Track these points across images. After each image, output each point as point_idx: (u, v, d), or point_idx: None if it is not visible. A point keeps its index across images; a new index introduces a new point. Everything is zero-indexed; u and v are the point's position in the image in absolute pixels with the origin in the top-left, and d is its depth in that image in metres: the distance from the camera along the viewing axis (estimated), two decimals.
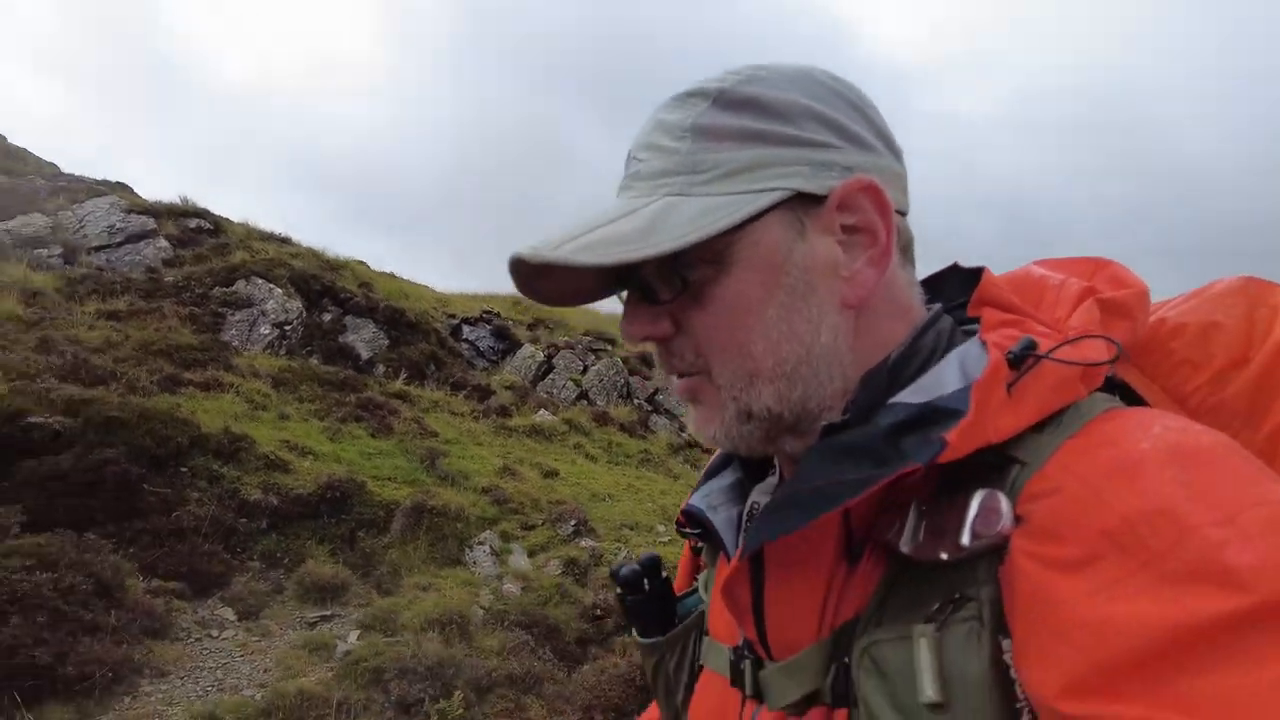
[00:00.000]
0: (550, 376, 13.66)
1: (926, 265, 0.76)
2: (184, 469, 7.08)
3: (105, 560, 5.73)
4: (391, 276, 14.83)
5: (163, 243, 12.39)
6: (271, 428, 8.30)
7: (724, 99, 0.66)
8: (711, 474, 0.83)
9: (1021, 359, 0.61)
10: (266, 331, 10.70)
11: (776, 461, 0.77)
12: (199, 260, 12.09)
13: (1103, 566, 0.50)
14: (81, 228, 12.25)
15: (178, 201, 13.95)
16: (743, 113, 0.66)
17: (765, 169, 0.65)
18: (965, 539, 0.56)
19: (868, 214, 0.66)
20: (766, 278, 0.65)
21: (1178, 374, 0.70)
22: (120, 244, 12.16)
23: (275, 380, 9.44)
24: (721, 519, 0.77)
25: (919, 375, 0.65)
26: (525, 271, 0.67)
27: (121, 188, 16.06)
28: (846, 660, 0.62)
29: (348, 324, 11.84)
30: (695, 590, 0.92)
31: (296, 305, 11.24)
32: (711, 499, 0.79)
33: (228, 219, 14.03)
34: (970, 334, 0.69)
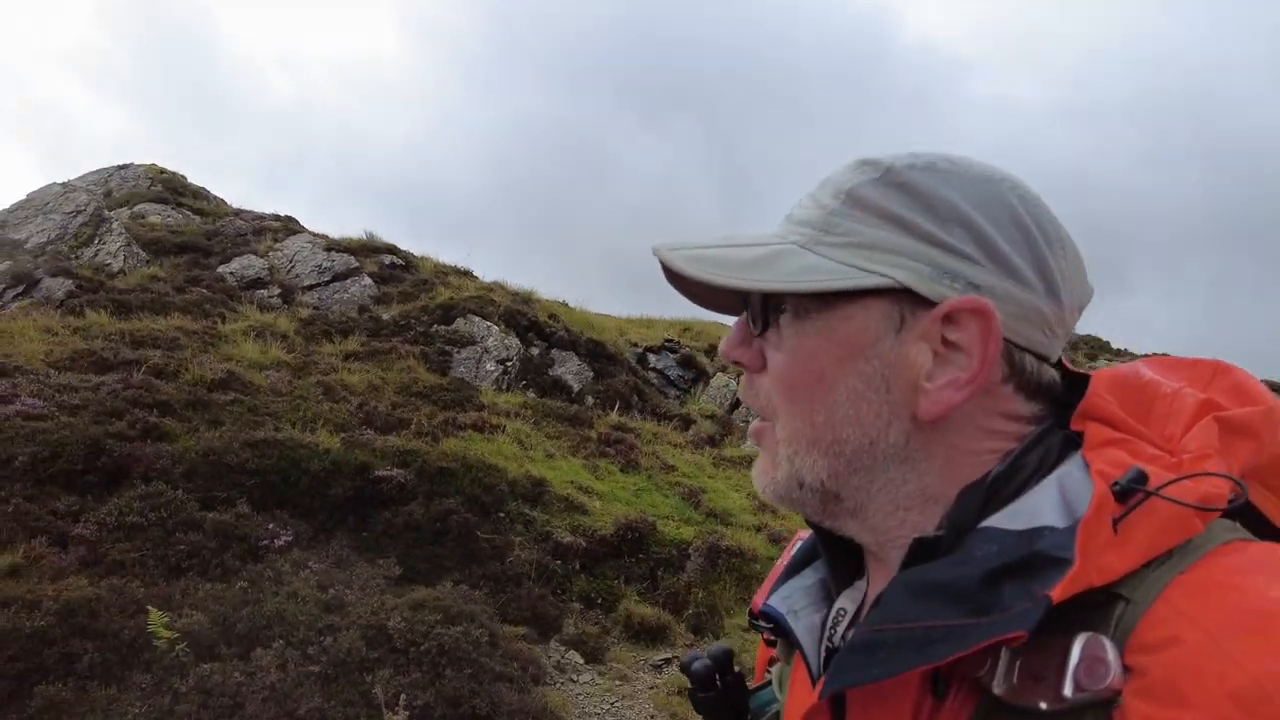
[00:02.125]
0: (744, 406, 13.81)
1: None
2: (502, 514, 7.39)
3: (482, 610, 6.03)
4: (565, 305, 15.19)
5: (367, 280, 12.87)
6: (547, 467, 8.60)
7: (888, 177, 0.66)
8: (793, 570, 0.80)
9: (1129, 492, 0.56)
10: (492, 368, 11.07)
11: (867, 566, 0.73)
12: (406, 298, 12.54)
13: None
14: (292, 267, 12.79)
15: (363, 237, 14.48)
16: (897, 194, 0.65)
17: (887, 254, 0.63)
18: (1068, 690, 0.52)
19: (970, 337, 0.62)
20: (845, 355, 0.64)
21: None
22: (329, 282, 12.67)
23: (524, 418, 9.77)
24: (803, 626, 0.73)
25: (1018, 495, 0.62)
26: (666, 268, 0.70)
27: (290, 220, 16.71)
28: None
29: (555, 357, 12.19)
30: (769, 683, 0.89)
31: (514, 341, 11.62)
32: (793, 601, 0.76)
33: (412, 253, 14.52)
34: (1073, 443, 0.65)
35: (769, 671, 0.90)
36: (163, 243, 13.06)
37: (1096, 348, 19.01)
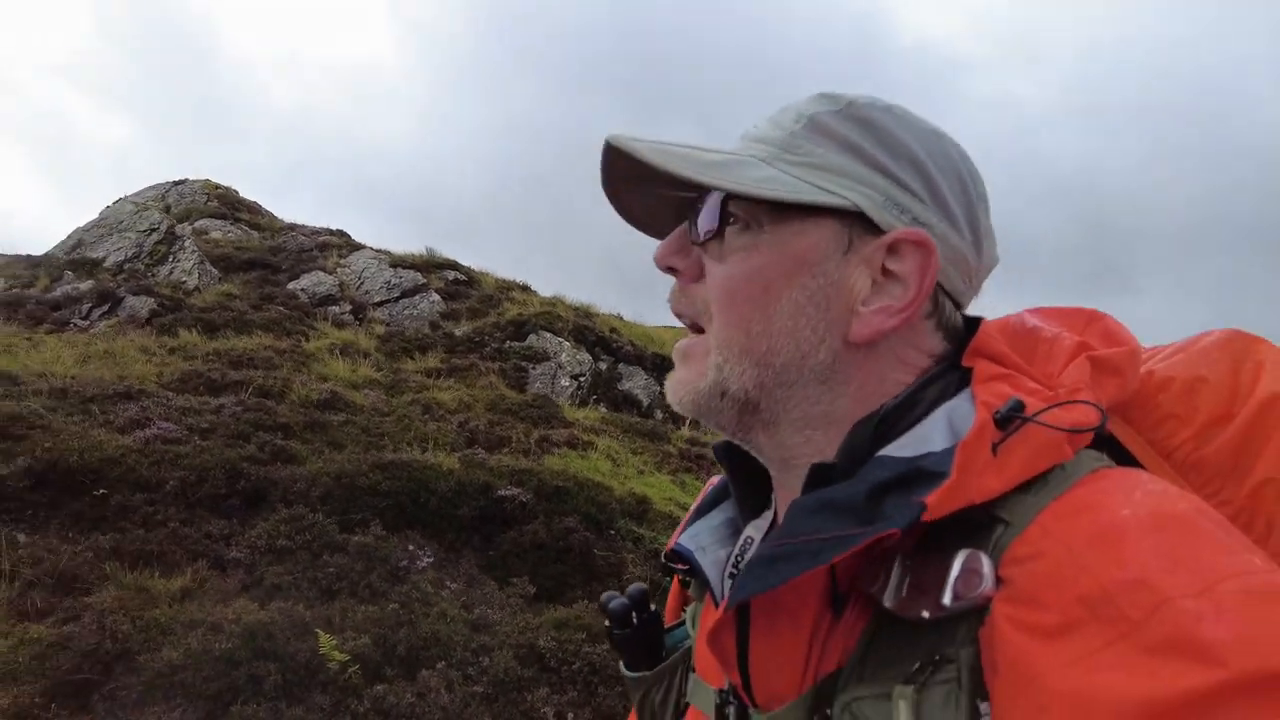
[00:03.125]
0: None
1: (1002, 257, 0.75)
2: (612, 531, 7.57)
3: None
4: (621, 319, 15.36)
5: (435, 297, 13.08)
6: (642, 483, 8.77)
7: (850, 110, 0.69)
8: (701, 512, 0.83)
9: (1009, 420, 0.61)
10: (566, 384, 11.25)
11: (774, 498, 0.77)
12: (475, 314, 12.74)
13: (1081, 636, 0.51)
14: (361, 284, 12.99)
15: (423, 252, 14.68)
16: (857, 127, 0.68)
17: (845, 177, 0.67)
18: (947, 599, 0.56)
19: (908, 268, 0.67)
20: (792, 269, 0.67)
21: (1164, 428, 0.70)
22: (398, 299, 12.88)
23: (609, 434, 9.94)
24: (709, 560, 0.77)
25: (912, 427, 0.66)
26: (616, 174, 0.73)
27: (344, 235, 16.92)
28: (829, 713, 0.63)
29: (622, 371, 12.37)
30: (684, 623, 0.93)
31: (586, 357, 11.81)
32: (700, 539, 0.79)
33: (473, 269, 14.71)
34: (969, 382, 0.69)
35: (684, 611, 0.94)
36: (231, 259, 13.28)
37: None
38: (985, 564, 0.56)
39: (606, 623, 0.93)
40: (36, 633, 4.77)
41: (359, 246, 14.65)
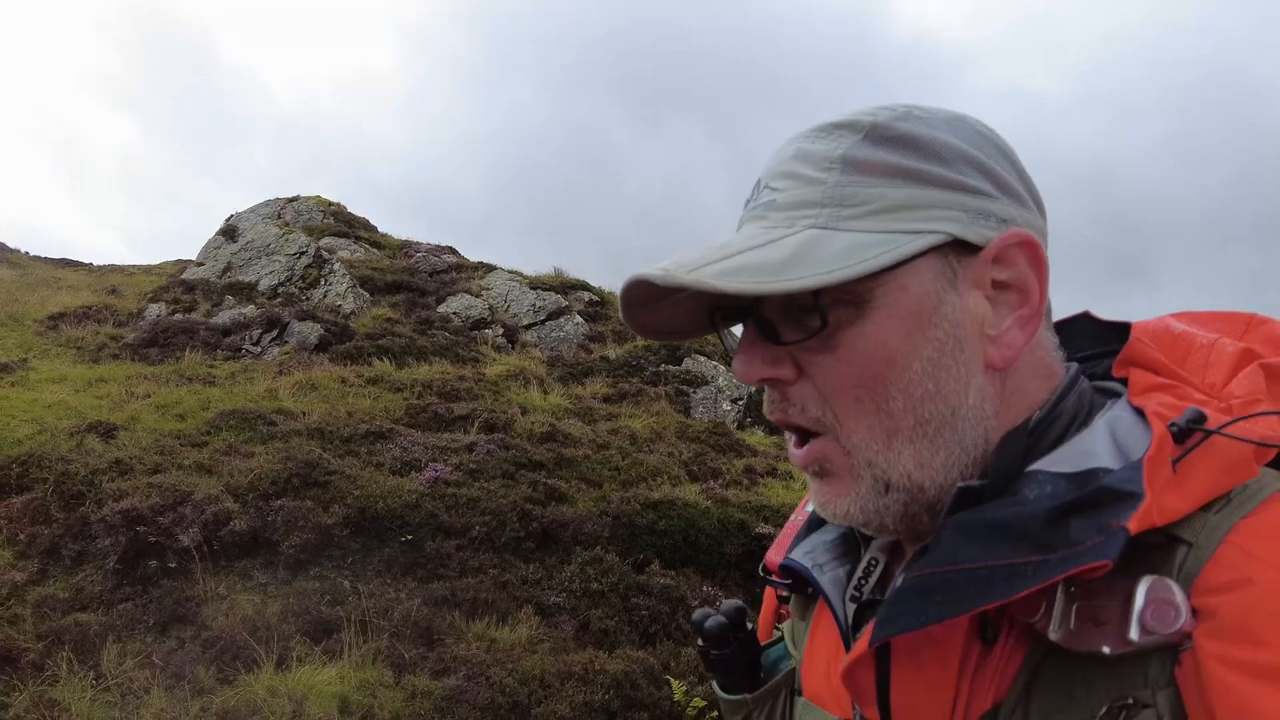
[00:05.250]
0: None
1: None
2: None
3: None
4: None
5: (578, 319, 13.30)
6: None
7: (877, 133, 0.62)
8: (814, 526, 0.77)
9: (1187, 433, 0.55)
10: (728, 408, 11.48)
11: None
12: (620, 337, 12.96)
13: None
14: (508, 306, 13.23)
15: (552, 273, 14.91)
16: (898, 150, 0.61)
17: (920, 209, 0.60)
18: (1134, 633, 0.51)
19: (1022, 271, 0.61)
20: (913, 327, 0.60)
21: None
22: (544, 321, 13.11)
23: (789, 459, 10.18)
24: (829, 580, 0.71)
25: (1061, 441, 0.60)
26: (638, 296, 0.64)
27: (452, 250, 17.14)
28: None
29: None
30: (780, 639, 0.87)
31: None
32: (816, 555, 0.73)
33: (604, 289, 14.93)
34: (1106, 393, 0.64)
35: (778, 628, 0.88)
36: (373, 281, 13.49)
37: None
38: (1177, 593, 0.51)
39: (700, 641, 0.87)
40: (423, 685, 5.01)
41: (488, 266, 14.87)
